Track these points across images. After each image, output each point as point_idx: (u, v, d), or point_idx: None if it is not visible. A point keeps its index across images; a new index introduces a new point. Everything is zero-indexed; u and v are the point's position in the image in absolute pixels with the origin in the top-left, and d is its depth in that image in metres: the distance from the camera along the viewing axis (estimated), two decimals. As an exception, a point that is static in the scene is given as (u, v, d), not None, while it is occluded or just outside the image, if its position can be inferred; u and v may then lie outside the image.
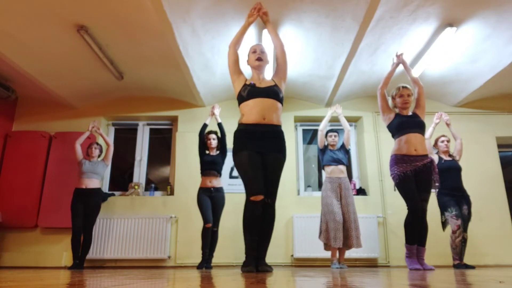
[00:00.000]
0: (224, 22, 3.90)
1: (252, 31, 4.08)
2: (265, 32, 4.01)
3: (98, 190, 4.49)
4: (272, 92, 2.67)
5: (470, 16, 3.82)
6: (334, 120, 5.75)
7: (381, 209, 5.16)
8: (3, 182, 5.07)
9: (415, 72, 4.89)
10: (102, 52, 4.30)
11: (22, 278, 1.94)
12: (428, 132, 4.25)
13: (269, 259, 3.18)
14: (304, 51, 4.49)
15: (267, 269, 2.56)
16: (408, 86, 3.40)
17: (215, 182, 4.32)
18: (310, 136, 6.15)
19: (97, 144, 4.67)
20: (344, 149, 4.37)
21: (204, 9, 3.65)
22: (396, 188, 3.28)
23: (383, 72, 4.98)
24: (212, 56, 4.52)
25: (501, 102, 5.61)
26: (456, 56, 4.57)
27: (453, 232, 3.98)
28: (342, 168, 4.23)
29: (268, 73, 3.01)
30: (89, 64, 4.62)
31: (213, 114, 4.49)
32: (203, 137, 4.43)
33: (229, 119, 5.59)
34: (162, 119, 5.82)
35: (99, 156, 4.64)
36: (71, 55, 4.39)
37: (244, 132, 2.64)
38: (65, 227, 4.92)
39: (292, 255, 4.93)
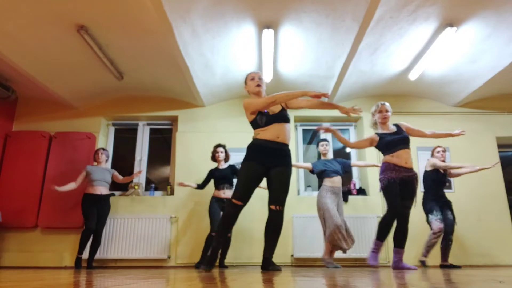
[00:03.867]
0: (224, 22, 3.90)
1: (252, 30, 4.08)
2: (265, 32, 4.01)
3: (110, 196, 4.72)
4: (284, 117, 2.97)
5: (470, 16, 3.82)
6: (337, 120, 5.77)
7: (381, 209, 5.16)
8: (3, 182, 5.07)
9: (415, 74, 4.89)
10: (102, 52, 4.30)
11: (22, 278, 1.94)
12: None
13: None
14: (304, 51, 4.48)
15: (277, 267, 2.80)
16: (386, 103, 3.62)
17: (228, 193, 4.48)
18: (310, 136, 6.15)
19: (104, 149, 4.81)
20: (342, 161, 4.49)
21: (204, 9, 3.65)
22: (381, 190, 3.52)
23: (383, 72, 4.99)
24: (212, 56, 4.52)
25: (501, 102, 5.61)
26: (456, 56, 4.57)
27: (434, 232, 4.21)
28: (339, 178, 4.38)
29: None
30: (89, 64, 4.62)
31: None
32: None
33: (229, 119, 5.60)
34: (162, 119, 5.82)
35: (106, 161, 4.83)
36: (71, 55, 4.39)
37: (258, 145, 2.92)
38: (65, 227, 4.93)
39: (292, 255, 4.93)
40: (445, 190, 4.48)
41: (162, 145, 6.01)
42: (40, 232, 5.02)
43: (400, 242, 3.39)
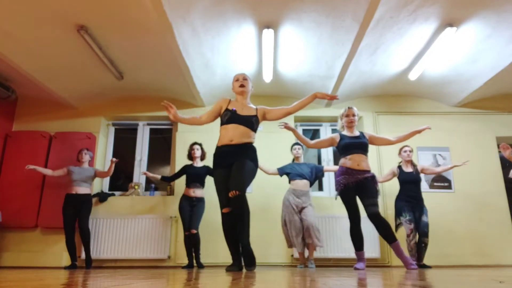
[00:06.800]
0: (224, 21, 3.90)
1: (252, 30, 4.08)
2: (265, 32, 4.01)
3: (88, 196, 4.64)
4: (249, 122, 3.00)
5: (470, 16, 3.82)
6: (336, 120, 5.76)
7: (381, 209, 5.14)
8: (3, 182, 5.07)
9: (415, 74, 4.89)
10: (102, 52, 4.29)
11: (22, 278, 1.94)
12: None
13: (269, 259, 3.19)
14: (304, 51, 4.48)
15: (236, 268, 2.81)
16: (353, 107, 3.68)
17: (198, 193, 4.57)
18: (310, 136, 6.15)
19: (87, 150, 4.81)
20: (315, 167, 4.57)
21: (204, 9, 3.65)
22: (337, 197, 3.57)
23: (383, 72, 4.99)
24: (212, 56, 4.52)
25: (501, 102, 5.61)
26: (456, 56, 4.57)
27: (407, 235, 4.17)
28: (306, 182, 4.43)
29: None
30: (89, 64, 4.62)
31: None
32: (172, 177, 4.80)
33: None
34: (162, 119, 5.81)
35: (89, 161, 4.81)
36: (71, 55, 4.39)
37: (217, 153, 3.02)
38: (65, 227, 4.94)
39: (292, 255, 4.92)
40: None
41: (162, 145, 6.00)
42: (40, 232, 5.02)
43: (388, 237, 3.34)
